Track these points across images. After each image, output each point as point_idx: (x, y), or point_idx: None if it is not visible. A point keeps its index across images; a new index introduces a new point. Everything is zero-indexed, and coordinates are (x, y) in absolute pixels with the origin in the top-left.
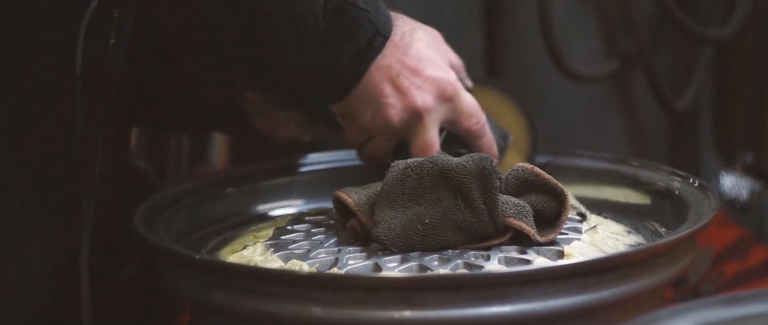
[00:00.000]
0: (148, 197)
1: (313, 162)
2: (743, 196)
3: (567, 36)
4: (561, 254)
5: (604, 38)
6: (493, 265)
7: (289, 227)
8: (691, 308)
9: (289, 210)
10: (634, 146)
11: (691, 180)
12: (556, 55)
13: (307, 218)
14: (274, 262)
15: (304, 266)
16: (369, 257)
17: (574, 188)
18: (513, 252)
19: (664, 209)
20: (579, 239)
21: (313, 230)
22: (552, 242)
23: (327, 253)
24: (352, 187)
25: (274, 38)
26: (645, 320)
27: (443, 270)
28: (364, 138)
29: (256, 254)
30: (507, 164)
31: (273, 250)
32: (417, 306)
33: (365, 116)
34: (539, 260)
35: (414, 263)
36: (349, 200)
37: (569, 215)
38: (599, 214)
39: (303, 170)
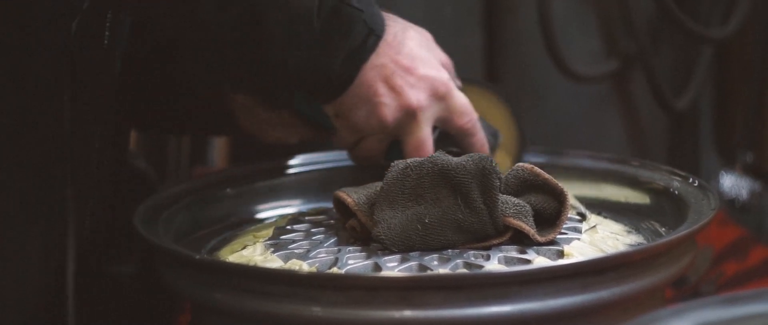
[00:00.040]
0: (148, 197)
1: (313, 162)
2: (743, 196)
3: (567, 36)
4: (561, 254)
5: (604, 38)
6: (493, 265)
7: (289, 227)
8: (691, 307)
9: (288, 210)
10: (634, 146)
11: (690, 180)
12: (556, 55)
13: (306, 217)
14: (273, 262)
15: (304, 266)
16: (369, 257)
17: (573, 188)
18: (513, 252)
19: (664, 208)
20: (579, 239)
21: (312, 229)
22: (552, 242)
23: (327, 253)
24: (352, 187)
25: (269, 38)
26: (645, 319)
27: (443, 270)
28: (356, 138)
29: (256, 253)
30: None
31: (273, 250)
32: (417, 306)
33: (359, 116)
34: (539, 260)
35: (414, 263)
36: (349, 199)
37: (569, 215)
38: (599, 214)
39: (303, 170)
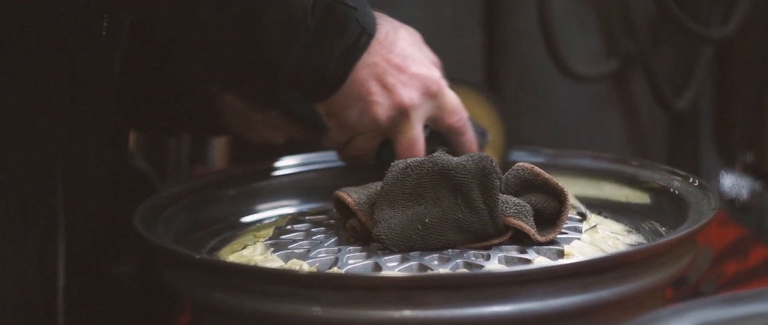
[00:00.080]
0: (148, 197)
1: (313, 162)
2: (743, 195)
3: (567, 36)
4: (561, 254)
5: (604, 38)
6: (493, 264)
7: (289, 227)
8: (691, 307)
9: (288, 210)
10: (634, 146)
11: (691, 180)
12: (556, 55)
13: (307, 217)
14: (274, 261)
15: (304, 266)
16: (369, 257)
17: (574, 188)
18: (513, 252)
19: (664, 208)
20: (579, 239)
21: (313, 229)
22: (552, 242)
23: (327, 252)
24: (352, 186)
25: (268, 38)
26: (645, 319)
27: (443, 270)
28: (348, 137)
29: (256, 253)
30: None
31: (273, 249)
32: (417, 306)
33: (352, 115)
34: (539, 260)
35: (414, 263)
36: (349, 199)
37: (569, 215)
38: (599, 213)
39: (303, 170)
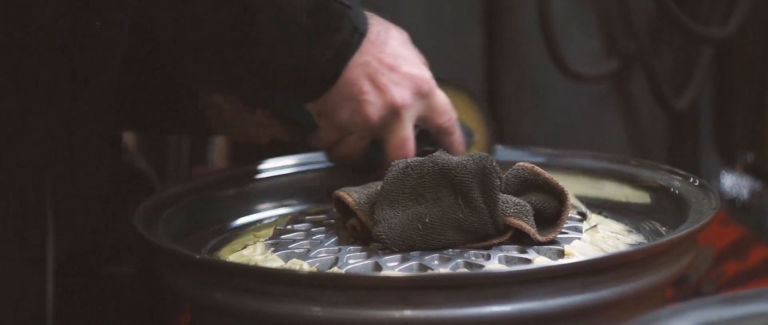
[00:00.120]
0: (148, 197)
1: (313, 161)
2: (743, 195)
3: (567, 36)
4: (561, 254)
5: (604, 38)
6: (494, 264)
7: (289, 227)
8: (692, 307)
9: (288, 210)
10: (634, 146)
11: (691, 179)
12: (556, 55)
13: (307, 217)
14: (274, 261)
15: (305, 266)
16: (369, 257)
17: (574, 187)
18: (513, 251)
19: (665, 208)
20: (579, 239)
21: (313, 229)
22: (552, 242)
23: (327, 252)
24: (353, 186)
25: (260, 34)
26: (645, 319)
27: (443, 269)
28: (338, 137)
29: (256, 253)
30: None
31: (273, 249)
32: (417, 306)
33: (343, 114)
34: (540, 260)
35: (414, 263)
36: (350, 199)
37: (569, 214)
38: (599, 213)
39: (302, 170)
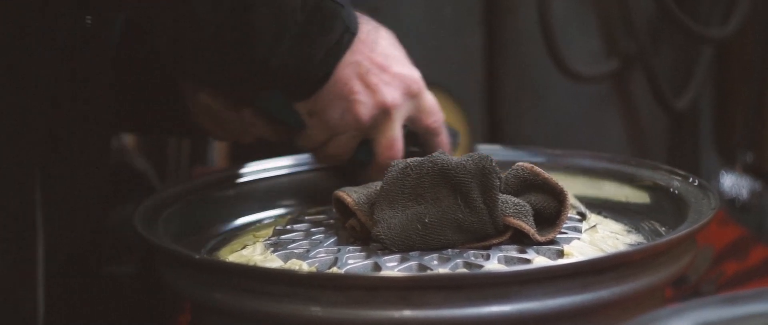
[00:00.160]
0: (148, 197)
1: (313, 161)
2: (743, 195)
3: (567, 36)
4: (561, 254)
5: (604, 38)
6: (493, 264)
7: (289, 227)
8: (691, 307)
9: (288, 210)
10: (633, 146)
11: (690, 179)
12: (556, 55)
13: (306, 217)
14: (273, 261)
15: (304, 266)
16: (369, 257)
17: (573, 187)
18: (513, 251)
19: (664, 208)
20: (579, 239)
21: (312, 229)
22: (552, 242)
23: (326, 252)
24: (352, 186)
25: (254, 31)
26: (645, 319)
27: (443, 270)
28: (327, 137)
29: (256, 253)
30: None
31: (272, 249)
32: (417, 306)
33: (334, 114)
34: (539, 260)
35: (413, 263)
36: (349, 199)
37: (569, 215)
38: (599, 213)
39: (302, 170)
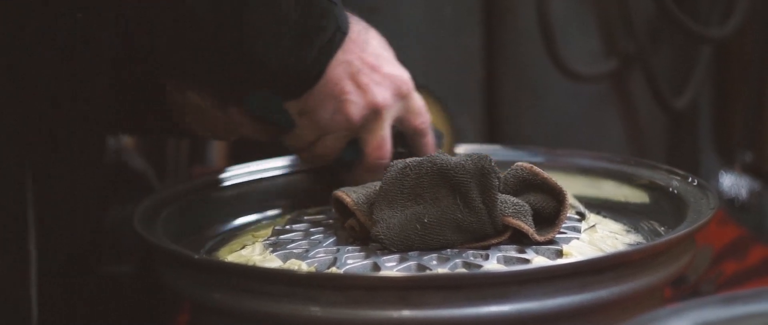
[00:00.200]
0: (147, 197)
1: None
2: (742, 195)
3: (566, 36)
4: (560, 253)
5: (603, 38)
6: (492, 264)
7: (288, 227)
8: (690, 307)
9: (287, 210)
10: (633, 146)
11: (690, 179)
12: (556, 55)
13: (305, 217)
14: (272, 261)
15: (303, 266)
16: (368, 257)
17: (572, 187)
18: (512, 251)
19: (663, 208)
20: (578, 238)
21: (311, 229)
22: (551, 241)
23: (326, 252)
24: (351, 186)
25: (249, 29)
26: (644, 319)
27: (442, 269)
28: (316, 136)
29: (255, 253)
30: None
31: (272, 249)
32: (416, 306)
33: (324, 113)
34: (538, 260)
35: (413, 263)
36: (348, 199)
37: (568, 214)
38: (598, 213)
39: (301, 169)
